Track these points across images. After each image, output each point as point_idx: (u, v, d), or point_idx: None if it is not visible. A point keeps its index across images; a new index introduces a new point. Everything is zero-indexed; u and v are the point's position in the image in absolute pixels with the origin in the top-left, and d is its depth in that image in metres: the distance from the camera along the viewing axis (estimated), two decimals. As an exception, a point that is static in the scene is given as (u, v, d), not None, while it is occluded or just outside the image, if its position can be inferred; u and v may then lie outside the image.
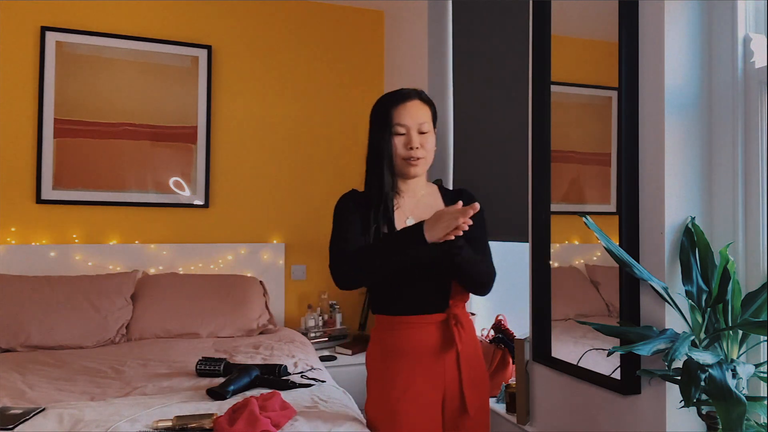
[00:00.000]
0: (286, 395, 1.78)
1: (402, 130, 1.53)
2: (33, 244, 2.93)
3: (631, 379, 1.56)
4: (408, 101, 1.55)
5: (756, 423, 1.30)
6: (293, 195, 3.45)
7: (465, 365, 1.55)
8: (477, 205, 1.32)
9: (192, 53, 3.24)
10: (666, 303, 1.45)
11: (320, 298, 3.39)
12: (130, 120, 3.10)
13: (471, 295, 1.64)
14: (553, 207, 1.94)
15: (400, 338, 1.54)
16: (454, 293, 1.57)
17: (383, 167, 1.54)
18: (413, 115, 1.54)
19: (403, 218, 1.57)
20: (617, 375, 1.62)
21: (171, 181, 3.19)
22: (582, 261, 1.85)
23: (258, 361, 2.31)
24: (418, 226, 1.38)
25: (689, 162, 1.53)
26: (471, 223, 1.34)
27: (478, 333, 2.60)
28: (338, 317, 3.29)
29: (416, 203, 1.61)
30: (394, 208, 1.57)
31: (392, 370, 1.54)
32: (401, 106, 1.54)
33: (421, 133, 1.54)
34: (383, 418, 1.54)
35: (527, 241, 2.07)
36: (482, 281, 1.56)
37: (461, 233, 1.35)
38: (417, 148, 1.53)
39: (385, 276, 1.50)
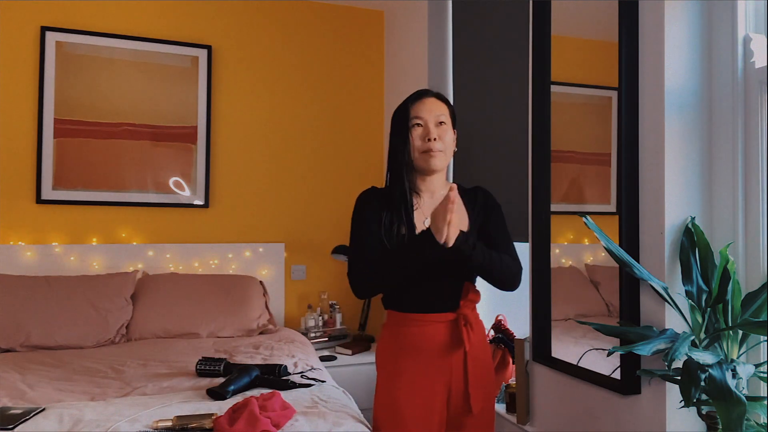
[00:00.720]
0: (286, 395, 1.78)
1: (419, 122, 1.56)
2: (33, 244, 2.93)
3: (631, 379, 1.56)
4: (425, 98, 1.60)
5: (756, 423, 1.30)
6: (293, 195, 3.45)
7: (472, 366, 1.56)
8: (454, 186, 1.37)
9: (192, 53, 3.24)
10: (666, 303, 1.45)
11: (320, 298, 3.38)
12: (130, 120, 3.10)
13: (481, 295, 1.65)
14: (553, 207, 1.94)
15: (409, 334, 1.57)
16: (464, 294, 1.58)
17: (403, 165, 1.57)
18: (430, 109, 1.57)
19: (422, 219, 1.58)
20: (617, 375, 1.62)
21: (171, 181, 3.19)
22: (582, 261, 1.85)
23: (258, 361, 2.31)
24: (428, 233, 1.41)
25: (689, 162, 1.53)
26: (456, 200, 1.36)
27: (485, 330, 2.60)
28: (338, 317, 3.29)
29: (434, 204, 1.60)
30: (414, 208, 1.58)
31: (399, 365, 1.57)
32: (419, 102, 1.59)
33: (439, 124, 1.57)
34: (388, 412, 1.56)
35: (527, 241, 2.07)
36: (507, 277, 1.57)
37: (454, 217, 1.37)
38: (435, 139, 1.54)
39: (402, 282, 1.52)
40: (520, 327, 2.34)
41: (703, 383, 1.21)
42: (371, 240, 1.54)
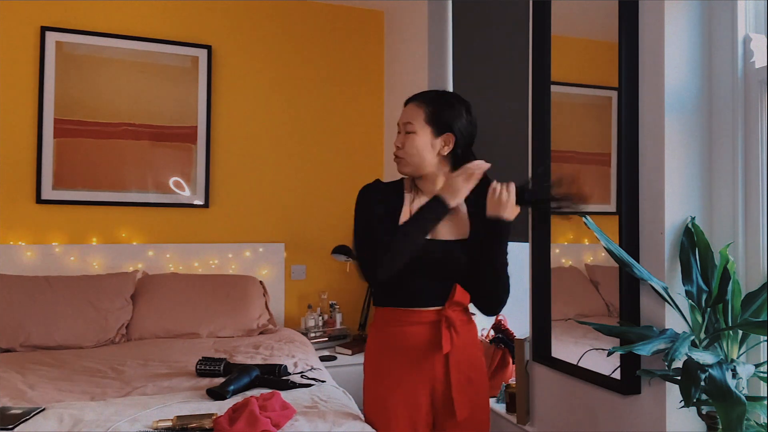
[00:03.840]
0: (286, 395, 1.78)
1: (398, 129, 1.62)
2: (33, 244, 2.93)
3: (631, 379, 1.56)
4: (409, 103, 1.62)
5: (756, 423, 1.30)
6: (293, 195, 3.45)
7: (455, 369, 1.54)
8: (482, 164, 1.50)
9: (192, 53, 3.24)
10: (666, 303, 1.45)
11: (320, 298, 3.38)
12: (130, 120, 3.10)
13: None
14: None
15: (393, 333, 1.57)
16: (451, 295, 1.57)
17: None
18: (403, 117, 1.61)
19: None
20: (617, 375, 1.62)
21: (171, 181, 3.19)
22: (582, 261, 1.85)
23: (258, 361, 2.31)
24: (435, 199, 1.48)
25: (689, 162, 1.53)
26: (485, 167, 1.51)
27: (478, 333, 2.59)
28: (338, 317, 3.29)
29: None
30: (412, 203, 1.61)
31: (384, 364, 1.58)
32: (403, 109, 1.64)
33: (407, 133, 1.58)
34: (376, 412, 1.57)
35: (527, 241, 2.07)
36: (505, 290, 1.57)
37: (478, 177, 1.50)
38: (397, 147, 1.59)
39: (413, 253, 1.49)
40: (520, 327, 2.34)
41: (703, 383, 1.21)
42: (384, 224, 1.53)
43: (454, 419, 1.55)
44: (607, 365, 1.65)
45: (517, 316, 2.41)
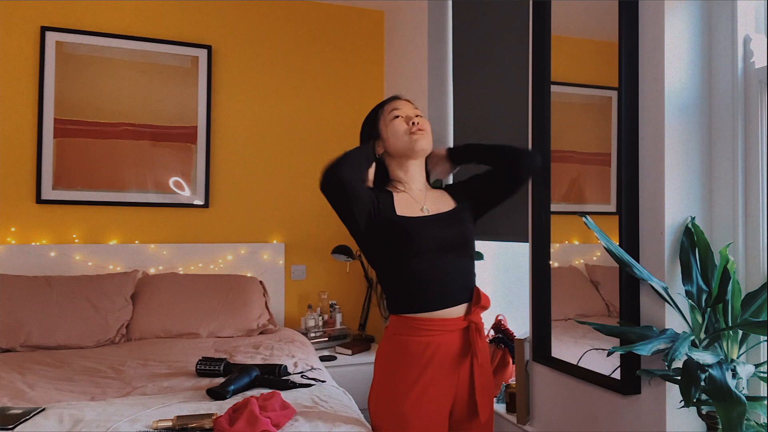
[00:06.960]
0: (286, 395, 1.78)
1: (399, 113, 1.64)
2: (33, 244, 2.93)
3: (631, 379, 1.56)
4: (397, 99, 1.69)
5: (756, 423, 1.31)
6: (293, 195, 3.45)
7: (479, 373, 1.55)
8: None
9: (192, 53, 3.24)
10: (666, 303, 1.45)
11: (320, 298, 3.38)
12: (130, 120, 3.10)
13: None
14: (553, 207, 1.94)
15: (421, 344, 1.51)
16: (476, 299, 1.57)
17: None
18: (404, 104, 1.67)
19: (402, 203, 1.60)
20: (617, 375, 1.62)
21: (171, 181, 3.19)
22: (582, 261, 1.85)
23: (258, 361, 2.31)
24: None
25: (689, 162, 1.53)
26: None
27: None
28: (338, 317, 3.29)
29: (424, 195, 1.65)
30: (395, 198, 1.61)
31: (407, 374, 1.51)
32: (392, 102, 1.68)
33: (416, 116, 1.65)
34: (391, 421, 1.51)
35: (527, 241, 2.07)
36: (517, 152, 1.64)
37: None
38: (416, 122, 1.61)
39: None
40: (520, 327, 2.34)
41: (703, 383, 1.21)
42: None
43: (472, 421, 1.55)
44: (607, 365, 1.65)
45: (517, 316, 2.41)
